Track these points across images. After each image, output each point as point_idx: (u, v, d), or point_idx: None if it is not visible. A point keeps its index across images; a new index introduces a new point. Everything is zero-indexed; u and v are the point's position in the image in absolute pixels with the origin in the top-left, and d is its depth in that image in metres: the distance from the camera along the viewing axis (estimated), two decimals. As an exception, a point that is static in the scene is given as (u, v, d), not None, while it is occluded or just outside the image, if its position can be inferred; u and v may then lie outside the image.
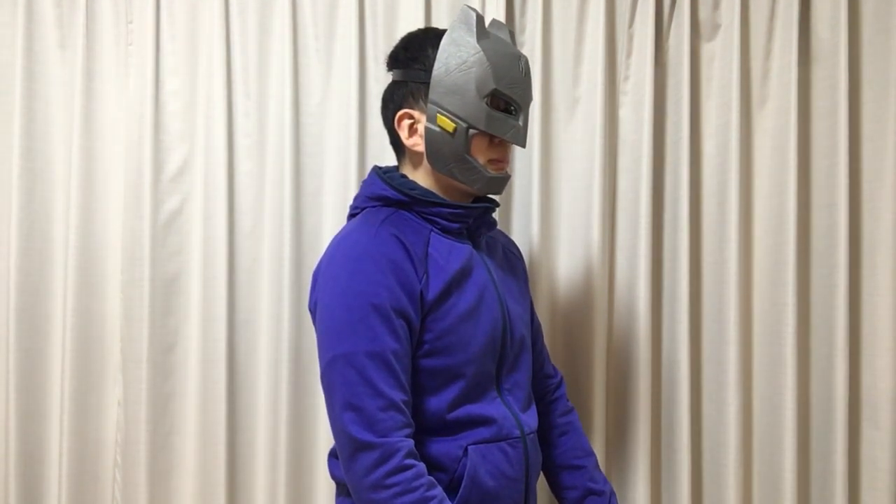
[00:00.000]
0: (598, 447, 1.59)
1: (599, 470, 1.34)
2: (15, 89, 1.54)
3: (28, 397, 1.55)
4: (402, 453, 1.02)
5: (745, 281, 1.68)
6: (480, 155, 1.16)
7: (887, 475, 1.63)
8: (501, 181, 1.20)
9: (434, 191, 1.19)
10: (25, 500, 1.55)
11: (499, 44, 1.15)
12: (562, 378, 1.42)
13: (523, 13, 1.65)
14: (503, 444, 1.15)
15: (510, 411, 1.18)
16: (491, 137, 1.16)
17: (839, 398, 1.62)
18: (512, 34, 1.23)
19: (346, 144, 1.60)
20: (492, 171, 1.17)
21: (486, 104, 1.13)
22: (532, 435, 1.21)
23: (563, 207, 1.67)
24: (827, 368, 1.66)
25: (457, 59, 1.12)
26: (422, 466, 1.04)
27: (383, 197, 1.18)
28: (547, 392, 1.38)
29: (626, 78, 1.68)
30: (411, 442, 1.04)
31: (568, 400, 1.40)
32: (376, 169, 1.22)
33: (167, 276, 1.59)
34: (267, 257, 1.59)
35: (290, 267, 1.57)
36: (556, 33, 1.66)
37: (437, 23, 1.61)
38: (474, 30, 1.13)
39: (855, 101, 1.68)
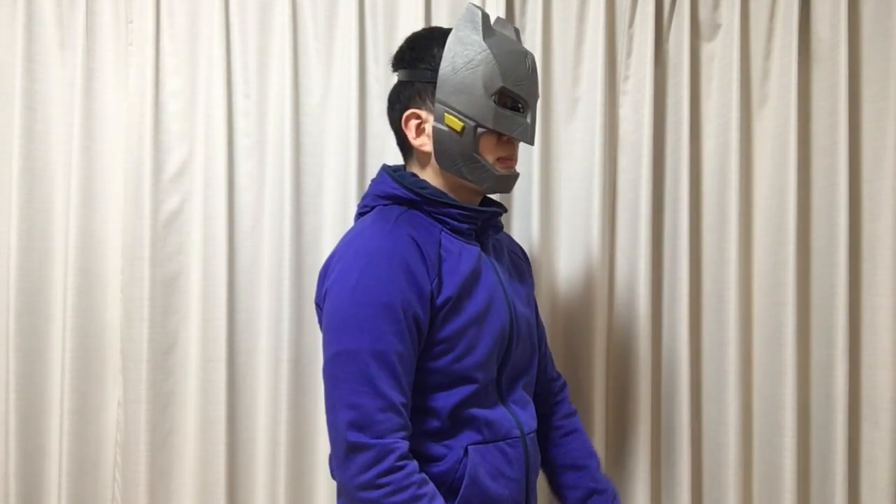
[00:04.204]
0: (598, 447, 1.59)
1: (601, 471, 1.34)
2: (15, 89, 1.54)
3: (28, 397, 1.55)
4: (395, 454, 1.01)
5: (745, 281, 1.68)
6: (489, 153, 1.16)
7: (887, 475, 1.63)
8: (510, 179, 1.20)
9: (443, 191, 1.19)
10: (25, 500, 1.55)
11: (505, 41, 1.15)
12: (565, 382, 1.42)
13: (523, 13, 1.65)
14: (502, 444, 1.15)
15: (510, 412, 1.18)
16: (499, 135, 1.16)
17: (839, 398, 1.62)
18: (517, 31, 1.23)
19: (346, 144, 1.60)
20: (500, 170, 1.17)
21: (494, 102, 1.12)
22: (532, 435, 1.21)
23: (563, 207, 1.67)
24: (827, 368, 1.65)
25: (463, 57, 1.12)
26: (414, 464, 1.04)
27: (394, 196, 1.17)
28: (550, 394, 1.38)
29: (626, 78, 1.68)
30: (406, 444, 1.04)
31: (570, 403, 1.41)
32: (386, 167, 1.22)
33: (167, 276, 1.58)
34: (267, 257, 1.59)
35: (290, 267, 1.57)
36: (556, 33, 1.66)
37: (437, 22, 1.61)
38: (480, 28, 1.13)
39: (855, 101, 1.68)
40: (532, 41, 1.63)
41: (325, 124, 1.62)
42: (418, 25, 1.58)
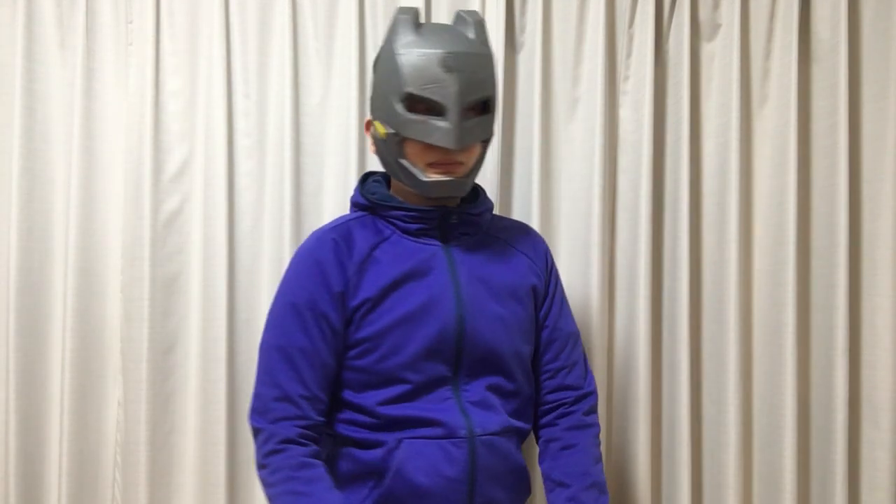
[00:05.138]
0: (598, 447, 1.59)
1: (592, 491, 1.21)
2: (15, 89, 1.54)
3: (28, 397, 1.55)
4: (278, 438, 1.11)
5: (745, 281, 1.68)
6: (417, 159, 1.15)
7: (887, 475, 1.63)
8: (442, 185, 1.15)
9: (399, 195, 1.23)
10: (25, 500, 1.54)
11: (426, 43, 1.11)
12: (587, 394, 1.30)
13: (523, 13, 1.65)
14: (444, 442, 1.13)
15: (462, 412, 1.15)
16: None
17: (839, 398, 1.62)
18: (480, 24, 1.17)
19: (346, 144, 1.60)
20: (431, 176, 1.15)
21: (405, 108, 1.12)
22: (486, 437, 1.15)
23: (563, 207, 1.67)
24: (827, 368, 1.65)
25: (382, 65, 1.15)
26: (297, 449, 1.11)
27: (356, 203, 1.26)
28: (560, 404, 1.28)
29: (626, 78, 1.68)
30: (296, 431, 1.11)
31: (588, 415, 1.28)
32: (363, 175, 1.30)
33: (167, 276, 1.58)
34: (267, 257, 1.59)
35: (290, 267, 1.57)
36: (556, 33, 1.66)
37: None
38: (397, 33, 1.14)
39: (855, 101, 1.68)
40: (532, 41, 1.63)
41: (325, 124, 1.62)
42: (418, 25, 1.58)
